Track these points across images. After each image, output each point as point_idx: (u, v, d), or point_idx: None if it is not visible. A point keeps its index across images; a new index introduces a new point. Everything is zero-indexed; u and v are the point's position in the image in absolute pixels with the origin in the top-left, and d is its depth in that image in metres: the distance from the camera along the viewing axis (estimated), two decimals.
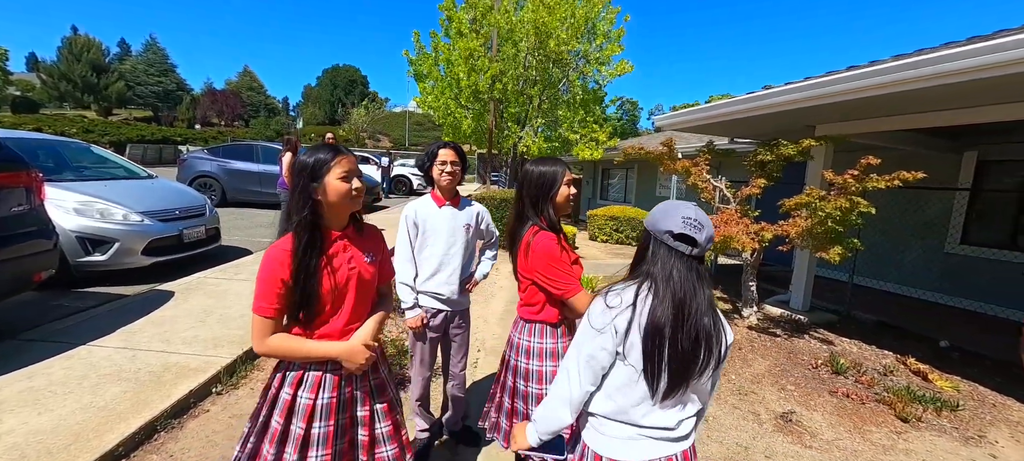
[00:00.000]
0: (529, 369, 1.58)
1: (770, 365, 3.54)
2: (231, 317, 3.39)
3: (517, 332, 1.65)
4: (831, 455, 2.42)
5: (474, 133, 10.82)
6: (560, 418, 1.10)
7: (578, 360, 1.06)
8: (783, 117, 4.39)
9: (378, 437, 1.33)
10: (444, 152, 1.97)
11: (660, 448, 1.04)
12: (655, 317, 0.98)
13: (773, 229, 3.99)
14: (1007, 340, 4.15)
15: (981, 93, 3.24)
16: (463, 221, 2.04)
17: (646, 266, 1.05)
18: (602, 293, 1.08)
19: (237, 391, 2.59)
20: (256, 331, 1.16)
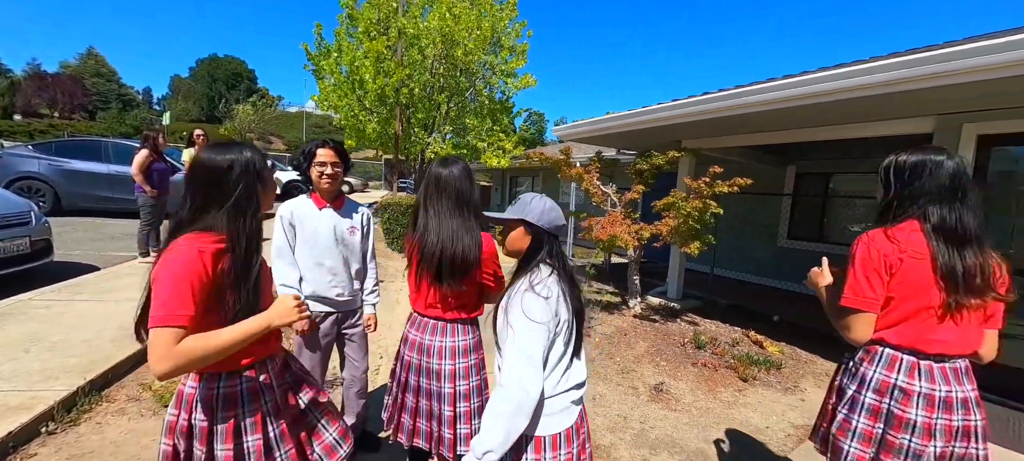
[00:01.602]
0: (441, 369, 1.57)
1: (648, 346, 4.06)
2: (70, 343, 2.83)
3: (419, 330, 1.62)
4: (690, 415, 2.88)
5: (379, 137, 10.46)
6: (519, 430, 1.05)
7: (531, 356, 1.06)
8: (656, 132, 5.10)
9: (317, 422, 1.33)
10: (322, 152, 1.89)
11: (575, 410, 1.19)
12: (572, 291, 1.19)
13: (650, 228, 4.59)
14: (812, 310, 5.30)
15: (792, 119, 4.16)
16: (348, 224, 2.01)
17: (542, 256, 1.21)
18: (523, 292, 1.12)
19: (77, 428, 2.19)
20: (160, 348, 0.93)
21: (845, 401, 1.38)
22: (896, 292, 1.26)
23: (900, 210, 1.30)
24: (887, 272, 1.25)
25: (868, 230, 1.33)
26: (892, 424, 1.26)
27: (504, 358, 1.12)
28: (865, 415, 1.31)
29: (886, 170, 1.35)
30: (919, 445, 1.23)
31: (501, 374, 1.13)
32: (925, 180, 1.26)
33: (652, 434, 2.61)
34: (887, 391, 1.28)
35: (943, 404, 1.23)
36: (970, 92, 2.99)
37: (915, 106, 3.46)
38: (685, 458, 2.40)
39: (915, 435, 1.24)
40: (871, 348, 1.33)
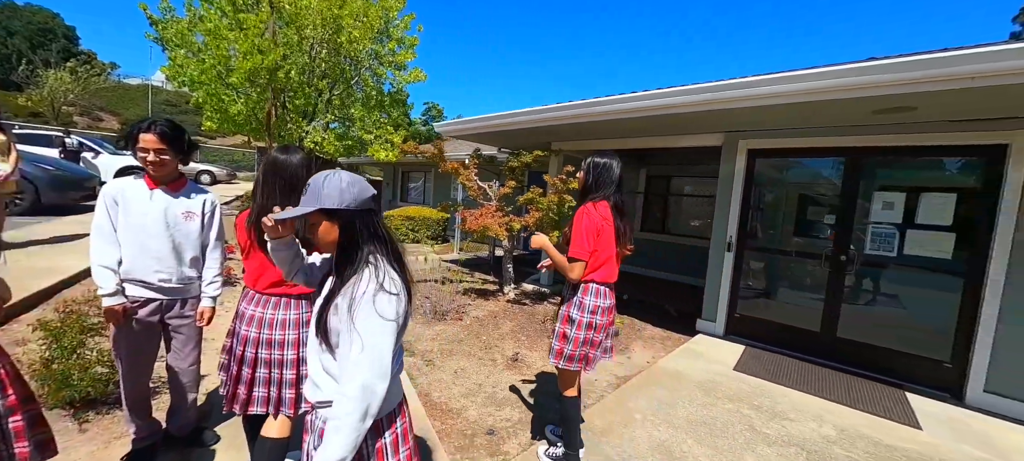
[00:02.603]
0: (284, 339, 1.68)
1: (514, 326, 4.52)
2: None
3: (260, 306, 1.69)
4: (538, 378, 3.35)
5: (248, 121, 9.42)
6: (364, 431, 1.04)
7: (382, 362, 1.04)
8: (528, 133, 5.63)
9: None
10: (145, 138, 1.78)
11: (399, 385, 1.23)
12: (410, 274, 1.18)
13: (520, 220, 5.08)
14: (652, 290, 6.40)
15: (634, 128, 4.99)
16: (183, 208, 1.95)
17: (369, 244, 1.11)
18: (374, 294, 1.06)
19: None
20: None
21: (574, 323, 2.06)
22: (599, 247, 1.99)
23: (597, 193, 2.06)
24: (596, 234, 1.97)
25: (586, 206, 2.02)
26: (596, 328, 2.08)
27: (347, 363, 1.04)
28: (584, 328, 2.07)
29: (589, 166, 2.09)
30: (603, 337, 2.14)
31: (342, 379, 1.05)
32: (608, 176, 2.03)
33: (501, 395, 3.00)
34: (596, 310, 2.07)
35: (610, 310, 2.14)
36: (741, 117, 4.00)
37: (710, 124, 4.47)
38: (525, 411, 2.82)
39: (604, 333, 2.12)
40: (586, 286, 2.04)
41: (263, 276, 1.70)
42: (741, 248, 4.57)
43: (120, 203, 1.84)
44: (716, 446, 2.50)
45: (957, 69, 2.55)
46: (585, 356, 2.10)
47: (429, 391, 2.98)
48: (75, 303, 2.77)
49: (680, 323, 5.05)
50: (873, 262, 3.88)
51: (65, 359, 2.23)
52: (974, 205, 3.39)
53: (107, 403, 2.36)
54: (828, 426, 2.82)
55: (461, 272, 7.11)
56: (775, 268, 4.67)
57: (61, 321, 2.42)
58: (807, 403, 3.14)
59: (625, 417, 2.77)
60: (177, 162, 1.92)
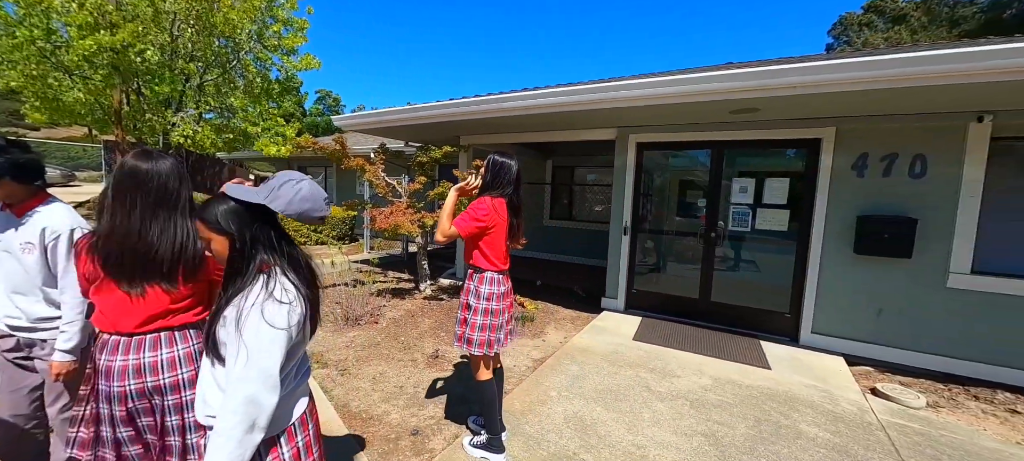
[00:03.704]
0: (175, 381, 1.42)
1: (433, 322, 4.50)
2: None
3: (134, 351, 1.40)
4: (458, 372, 3.41)
5: (90, 111, 7.79)
6: (253, 445, 1.01)
7: (269, 374, 1.02)
8: (434, 128, 5.56)
9: None
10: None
11: (305, 395, 1.22)
12: (309, 286, 1.16)
13: (432, 217, 5.03)
14: (562, 274, 6.84)
15: (537, 122, 5.23)
16: (20, 239, 1.62)
17: (260, 256, 1.11)
18: (262, 303, 1.05)
19: None
20: None
21: (472, 309, 2.23)
22: (490, 239, 2.19)
23: (495, 190, 2.22)
24: (480, 221, 2.16)
25: (485, 198, 2.20)
26: (494, 313, 2.21)
27: (232, 375, 1.02)
28: (481, 314, 2.22)
29: (489, 163, 2.26)
30: (503, 321, 2.28)
31: (226, 392, 1.02)
32: (506, 175, 2.20)
33: (423, 395, 3.00)
34: (491, 297, 2.23)
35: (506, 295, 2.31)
36: (628, 114, 4.45)
37: (604, 120, 4.89)
38: (447, 405, 2.87)
39: (503, 316, 2.26)
40: (481, 275, 2.21)
41: (121, 313, 1.39)
42: (636, 230, 5.12)
43: None
44: (619, 409, 2.82)
45: (789, 79, 3.17)
46: (488, 341, 2.22)
47: (347, 402, 2.86)
48: None
49: (588, 303, 5.49)
50: (735, 236, 4.65)
51: None
52: (801, 186, 4.25)
53: None
54: (706, 377, 3.35)
55: (373, 272, 6.81)
56: (663, 246, 5.33)
57: None
58: (690, 361, 3.68)
59: (542, 395, 2.98)
60: (24, 177, 1.59)
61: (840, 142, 3.97)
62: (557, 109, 4.23)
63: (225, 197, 1.13)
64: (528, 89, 4.90)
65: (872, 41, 35.73)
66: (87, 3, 6.68)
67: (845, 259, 3.97)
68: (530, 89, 4.87)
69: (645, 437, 2.52)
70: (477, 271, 2.26)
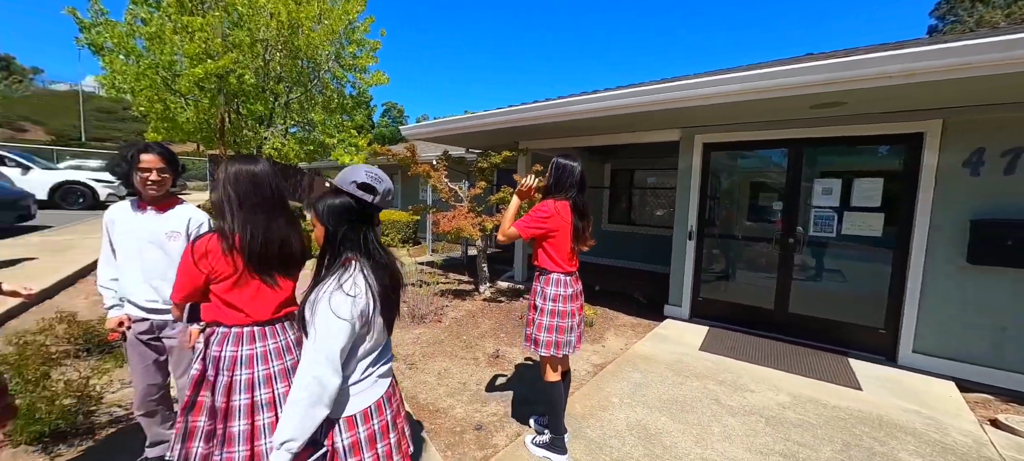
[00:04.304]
0: (283, 369, 1.53)
1: (492, 324, 4.62)
2: None
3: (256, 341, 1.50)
4: (519, 371, 3.48)
5: (199, 129, 8.96)
6: (317, 420, 1.12)
7: (330, 356, 1.11)
8: (496, 134, 5.72)
9: None
10: (146, 158, 1.81)
11: (384, 383, 1.30)
12: (383, 283, 1.21)
13: (492, 220, 5.17)
14: (622, 280, 6.68)
15: (599, 126, 5.18)
16: (167, 227, 1.93)
17: (345, 251, 1.20)
18: (331, 292, 1.13)
19: None
20: None
21: (539, 310, 2.28)
22: (555, 242, 2.21)
23: (558, 193, 2.23)
24: (542, 224, 2.21)
25: (549, 201, 2.23)
26: (561, 315, 2.25)
27: (305, 353, 1.13)
28: (547, 315, 2.25)
29: (552, 167, 2.27)
30: (573, 323, 2.32)
31: (299, 367, 1.13)
32: (569, 178, 2.20)
33: (484, 391, 3.10)
34: (558, 298, 2.25)
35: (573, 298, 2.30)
36: (694, 114, 4.27)
37: (667, 121, 4.73)
38: (510, 405, 2.94)
39: (571, 319, 2.30)
40: (547, 277, 2.24)
41: (262, 303, 1.51)
42: (701, 235, 4.88)
43: (109, 227, 1.91)
44: (686, 421, 2.71)
45: (880, 69, 2.87)
46: (556, 342, 2.24)
47: (415, 394, 3.03)
48: (29, 333, 2.62)
49: (649, 310, 5.32)
50: (817, 242, 4.26)
51: (30, 393, 2.12)
52: (898, 187, 3.80)
53: (79, 434, 2.27)
54: (783, 394, 3.11)
55: (436, 274, 7.12)
56: (732, 252, 5.02)
57: (19, 353, 2.29)
58: (765, 375, 3.43)
59: (603, 401, 2.94)
60: (173, 179, 1.93)
61: (948, 136, 3.50)
62: (622, 111, 4.16)
63: (330, 194, 1.24)
64: (588, 93, 4.88)
65: (989, 18, 30.88)
66: (197, 36, 7.74)
67: (955, 269, 3.48)
68: (590, 93, 4.85)
69: (715, 452, 2.40)
70: (543, 273, 2.30)
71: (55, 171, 11.52)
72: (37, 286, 4.18)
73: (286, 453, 1.10)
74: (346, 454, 1.21)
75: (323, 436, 1.20)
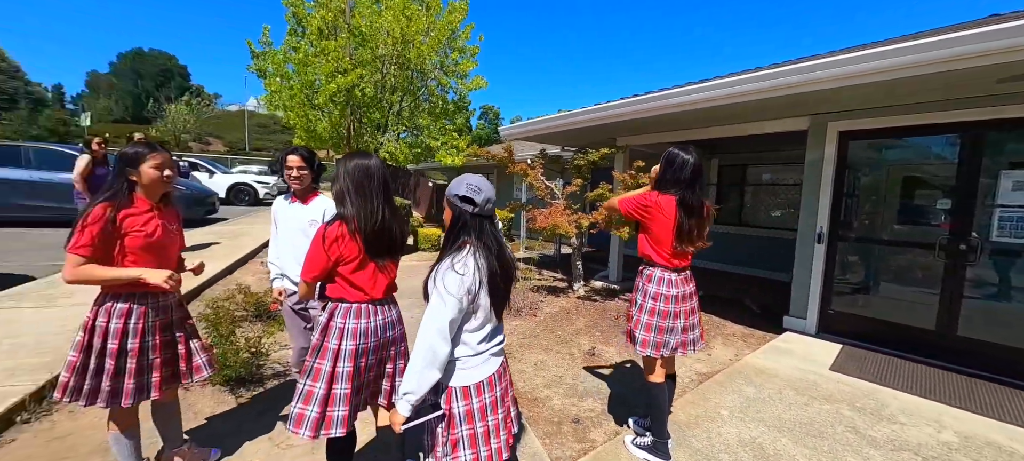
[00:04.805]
0: (395, 336, 1.75)
1: (587, 321, 4.59)
2: (27, 346, 2.89)
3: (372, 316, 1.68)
4: (616, 371, 3.41)
5: (332, 137, 10.42)
6: (430, 380, 1.29)
7: (440, 326, 1.26)
8: (592, 131, 5.65)
9: (195, 348, 1.93)
10: (291, 159, 2.30)
11: (496, 362, 1.43)
12: (491, 268, 1.33)
13: (588, 217, 5.13)
14: (728, 286, 6.11)
15: (707, 117, 4.82)
16: (308, 216, 2.33)
17: (462, 236, 1.35)
18: (445, 267, 1.30)
19: (51, 417, 2.34)
20: (68, 265, 1.56)
21: (638, 306, 2.21)
22: (653, 234, 2.15)
23: (664, 186, 2.14)
24: (638, 212, 2.17)
25: (653, 192, 2.15)
26: (662, 314, 2.14)
27: (423, 321, 1.31)
28: (646, 312, 2.17)
29: (662, 159, 2.17)
30: (680, 324, 2.22)
31: (419, 331, 1.31)
32: (677, 173, 2.10)
33: (582, 387, 3.10)
34: (658, 297, 2.15)
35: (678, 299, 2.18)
36: (829, 98, 3.72)
37: (793, 108, 4.19)
38: (607, 402, 2.90)
39: (677, 319, 2.18)
40: (649, 273, 2.19)
41: (377, 283, 1.69)
42: (834, 239, 4.23)
43: (273, 215, 2.37)
44: (814, 447, 2.40)
45: None
46: (655, 342, 2.14)
47: (515, 381, 3.17)
48: (219, 301, 3.34)
49: (763, 320, 4.79)
50: (1003, 250, 3.41)
51: (223, 345, 2.72)
52: None
53: (252, 382, 2.84)
54: (948, 432, 2.56)
55: (529, 269, 7.29)
56: (875, 259, 4.26)
57: (215, 314, 2.94)
58: (921, 407, 2.86)
59: (710, 412, 2.74)
60: (311, 177, 2.30)
61: None
62: (736, 100, 3.81)
63: (457, 185, 1.41)
64: (693, 83, 4.55)
65: None
66: (331, 57, 9.01)
67: None
68: (695, 83, 4.50)
69: None
70: (646, 265, 2.22)
71: (230, 175, 14.41)
72: (221, 265, 5.29)
73: (406, 403, 1.30)
74: (461, 420, 1.35)
75: (442, 398, 1.36)
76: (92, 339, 1.65)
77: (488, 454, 1.38)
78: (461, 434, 1.35)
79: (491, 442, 1.38)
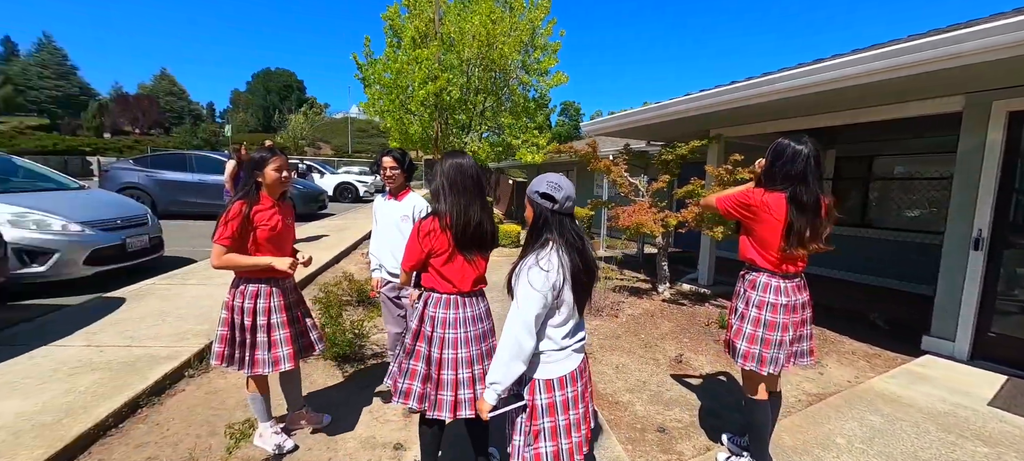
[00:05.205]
0: (484, 330, 1.80)
1: (673, 326, 4.32)
2: (191, 315, 3.58)
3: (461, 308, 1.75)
4: (706, 382, 3.16)
5: (421, 138, 11.16)
6: (516, 372, 1.33)
7: (526, 320, 1.30)
8: (682, 123, 5.28)
9: (309, 325, 2.25)
10: (385, 160, 2.55)
11: (577, 358, 1.44)
12: (575, 264, 1.36)
13: (676, 216, 4.82)
14: (847, 296, 5.30)
15: (826, 102, 4.21)
16: (400, 212, 2.53)
17: (545, 233, 1.37)
18: (530, 263, 1.33)
19: (209, 375, 2.86)
20: (214, 254, 1.89)
21: (738, 314, 2.03)
22: (758, 235, 1.93)
23: (771, 184, 1.89)
24: (738, 210, 1.96)
25: (758, 189, 1.93)
26: (769, 326, 1.92)
27: (509, 316, 1.34)
28: (750, 323, 1.96)
29: (769, 151, 1.93)
30: (790, 337, 1.96)
31: (505, 324, 1.35)
32: (787, 168, 1.84)
33: (668, 395, 2.93)
34: (764, 305, 1.93)
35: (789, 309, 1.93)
36: (997, 70, 3.01)
37: (941, 86, 3.49)
38: (696, 414, 2.71)
39: (787, 332, 1.93)
40: (754, 278, 1.97)
41: (465, 277, 1.75)
42: (999, 245, 3.44)
43: (374, 212, 2.62)
44: None
45: None
46: (759, 356, 1.92)
47: (595, 382, 3.11)
48: (329, 286, 3.78)
49: (892, 338, 4.08)
50: None
51: (332, 325, 3.08)
52: None
53: (357, 359, 3.18)
54: None
55: (610, 269, 7.08)
56: None
57: (326, 297, 3.34)
58: None
59: (822, 438, 2.41)
60: (403, 176, 2.50)
61: None
62: (863, 81, 3.28)
63: (538, 183, 1.44)
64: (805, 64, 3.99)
65: None
66: (423, 64, 9.65)
67: None
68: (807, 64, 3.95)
69: None
70: (750, 270, 2.00)
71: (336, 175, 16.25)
72: (329, 255, 5.99)
73: (493, 392, 1.36)
74: (543, 412, 1.39)
75: (525, 390, 1.40)
76: (233, 316, 1.99)
77: (569, 448, 1.40)
78: (543, 426, 1.38)
79: (572, 436, 1.40)
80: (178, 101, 61.44)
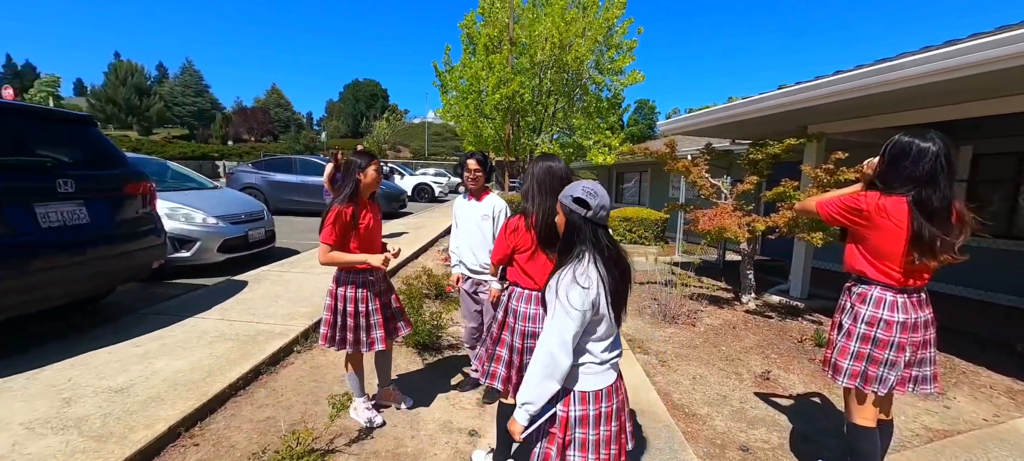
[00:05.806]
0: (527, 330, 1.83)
1: (759, 340, 3.99)
2: (297, 299, 4.08)
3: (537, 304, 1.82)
4: (799, 403, 2.88)
5: (494, 141, 11.50)
6: (549, 391, 1.26)
7: (563, 339, 1.23)
8: (774, 120, 4.84)
9: (396, 312, 2.46)
10: (469, 162, 2.68)
11: (614, 373, 1.38)
12: (613, 279, 1.30)
13: (764, 221, 4.44)
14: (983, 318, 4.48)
15: (962, 91, 3.60)
16: (481, 212, 2.66)
17: (579, 245, 1.30)
18: (568, 280, 1.25)
19: (311, 351, 3.25)
20: (321, 251, 2.13)
21: (843, 330, 1.86)
22: (873, 243, 1.72)
23: (888, 186, 1.68)
24: (848, 216, 1.75)
25: (873, 193, 1.71)
26: (880, 344, 1.72)
27: (544, 331, 1.28)
28: (857, 340, 1.77)
29: (885, 149, 1.72)
30: (905, 358, 1.74)
31: (538, 342, 1.29)
32: (910, 168, 1.62)
33: (751, 412, 2.73)
34: (876, 322, 1.73)
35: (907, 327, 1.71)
36: None
37: None
38: (785, 436, 2.49)
39: (903, 353, 1.72)
40: (864, 290, 1.77)
41: (545, 274, 1.78)
42: None
43: (454, 212, 2.77)
44: None
45: None
46: (865, 374, 1.73)
47: (668, 391, 2.99)
48: (410, 279, 4.08)
49: None
50: None
51: (414, 316, 3.33)
52: None
53: (435, 348, 3.41)
54: None
55: (687, 275, 6.69)
56: None
57: (409, 289, 3.62)
58: None
59: None
60: (484, 178, 2.63)
61: None
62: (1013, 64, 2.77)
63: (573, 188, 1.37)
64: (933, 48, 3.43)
65: None
66: (496, 70, 9.94)
67: None
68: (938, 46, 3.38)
69: None
70: (859, 282, 1.79)
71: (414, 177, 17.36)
72: (410, 251, 6.42)
73: (525, 413, 1.28)
74: (576, 423, 1.32)
75: (559, 402, 1.33)
76: (336, 304, 2.25)
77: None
78: (574, 437, 1.33)
79: (601, 451, 1.33)
80: (285, 111, 69.92)
